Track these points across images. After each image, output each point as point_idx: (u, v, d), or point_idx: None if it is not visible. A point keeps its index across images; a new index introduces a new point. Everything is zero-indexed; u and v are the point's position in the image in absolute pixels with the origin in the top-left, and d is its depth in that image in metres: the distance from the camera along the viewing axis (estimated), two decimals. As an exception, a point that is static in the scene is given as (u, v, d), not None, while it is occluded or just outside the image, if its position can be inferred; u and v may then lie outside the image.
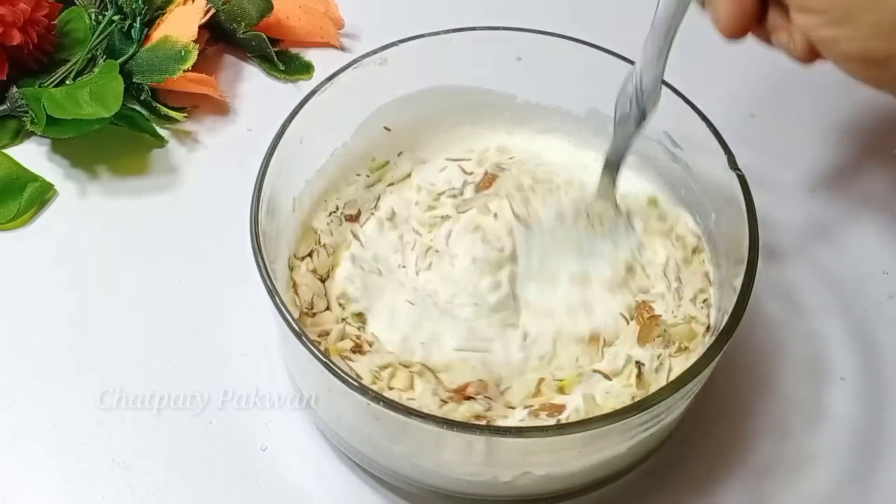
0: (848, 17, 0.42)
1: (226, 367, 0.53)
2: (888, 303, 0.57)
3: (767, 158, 0.61)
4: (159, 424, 0.50)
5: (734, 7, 0.45)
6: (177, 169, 0.62)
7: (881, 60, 0.43)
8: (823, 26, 0.43)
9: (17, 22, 0.60)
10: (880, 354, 0.54)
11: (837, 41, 0.43)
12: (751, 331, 0.54)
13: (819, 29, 0.43)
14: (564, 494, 0.47)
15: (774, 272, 0.57)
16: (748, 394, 0.52)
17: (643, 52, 0.48)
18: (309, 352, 0.42)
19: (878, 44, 0.42)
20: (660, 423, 0.45)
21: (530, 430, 0.42)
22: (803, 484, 0.50)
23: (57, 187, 0.60)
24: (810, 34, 0.44)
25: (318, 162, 0.54)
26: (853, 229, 0.60)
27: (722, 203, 0.50)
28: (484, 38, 0.54)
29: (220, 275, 0.56)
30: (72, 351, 0.53)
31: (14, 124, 0.63)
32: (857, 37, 0.42)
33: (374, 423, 0.43)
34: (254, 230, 0.46)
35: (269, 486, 0.49)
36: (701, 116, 0.50)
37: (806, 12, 0.43)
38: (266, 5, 0.67)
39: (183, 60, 0.62)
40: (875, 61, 0.43)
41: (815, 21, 0.43)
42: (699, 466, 0.50)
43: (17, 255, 0.57)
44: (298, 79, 0.68)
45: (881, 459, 0.51)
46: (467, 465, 0.44)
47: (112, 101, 0.58)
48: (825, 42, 0.44)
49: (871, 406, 0.52)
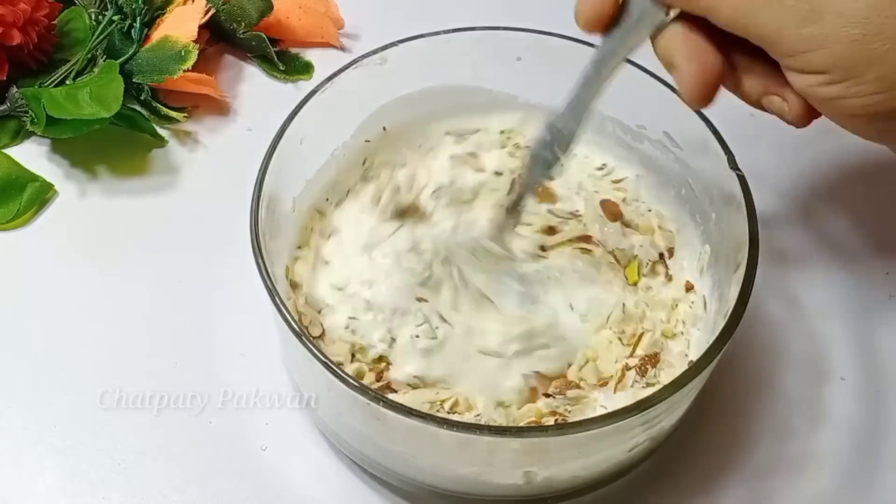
0: (851, 74, 0.40)
1: (226, 367, 0.53)
2: (888, 303, 0.56)
3: (767, 158, 0.61)
4: (159, 424, 0.50)
5: (697, 72, 0.42)
6: (177, 169, 0.62)
7: (888, 114, 0.41)
8: (825, 85, 0.41)
9: (17, 22, 0.60)
10: (880, 354, 0.54)
11: (841, 99, 0.41)
12: (751, 331, 0.54)
13: (820, 88, 0.41)
14: (564, 494, 0.47)
15: (774, 272, 0.57)
16: (748, 394, 0.52)
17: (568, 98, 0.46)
18: (309, 352, 0.42)
19: (884, 98, 0.40)
20: (660, 423, 0.45)
21: (530, 430, 0.42)
22: (803, 484, 0.50)
23: (57, 187, 0.60)
24: (809, 94, 0.42)
25: (318, 162, 0.54)
26: (853, 229, 0.60)
27: (722, 203, 0.50)
28: (484, 38, 0.54)
29: (220, 275, 0.56)
30: (72, 351, 0.53)
31: (14, 124, 0.63)
32: (862, 93, 0.40)
33: (374, 423, 0.43)
34: (254, 230, 0.45)
35: (269, 486, 0.49)
36: (701, 116, 0.50)
37: (804, 73, 0.41)
38: (266, 5, 0.67)
39: (183, 60, 0.62)
40: (882, 116, 0.41)
41: (815, 81, 0.41)
42: (699, 466, 0.50)
43: (17, 255, 0.57)
44: (298, 79, 0.68)
45: (881, 459, 0.51)
46: (467, 466, 0.44)
47: (112, 101, 0.58)
48: (828, 101, 0.41)
49: (871, 406, 0.52)
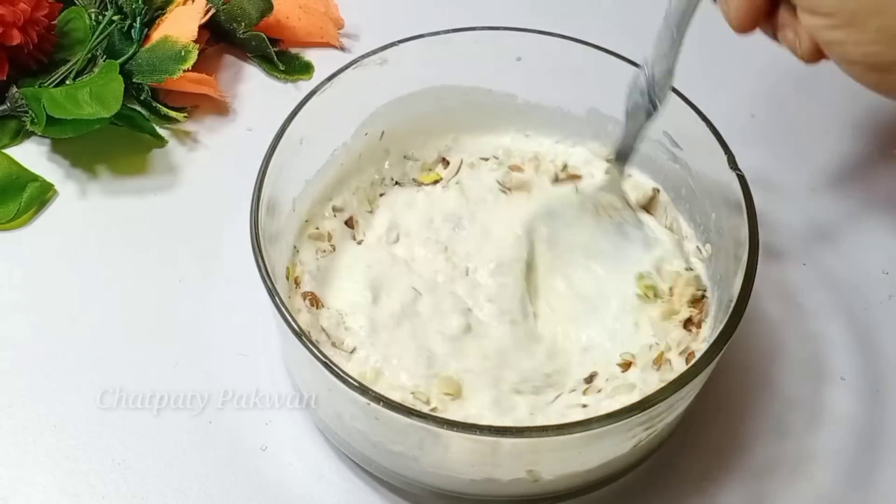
0: (854, 21, 0.42)
1: (226, 367, 0.52)
2: (888, 303, 0.56)
3: (767, 158, 0.61)
4: (159, 424, 0.50)
5: (745, 1, 0.46)
6: (177, 169, 0.62)
7: (885, 66, 0.43)
8: (829, 29, 0.43)
9: (17, 22, 0.60)
10: (880, 354, 0.54)
11: (843, 44, 0.43)
12: (751, 331, 0.54)
13: (825, 31, 0.43)
14: (564, 494, 0.47)
15: (774, 272, 0.57)
16: (748, 394, 0.52)
17: (656, 43, 0.48)
18: (309, 352, 0.42)
19: (882, 49, 0.42)
20: (660, 423, 0.45)
21: (530, 429, 0.42)
22: (803, 484, 0.50)
23: (57, 187, 0.60)
24: (816, 35, 0.44)
25: (318, 162, 0.54)
26: (853, 229, 0.60)
27: (722, 203, 0.50)
28: (484, 38, 0.54)
29: (220, 275, 0.56)
30: (72, 351, 0.53)
31: (14, 124, 0.63)
32: (862, 41, 0.42)
33: (374, 423, 0.43)
34: (254, 230, 0.46)
35: (269, 486, 0.49)
36: (701, 116, 0.50)
37: (813, 14, 0.43)
38: (266, 5, 0.67)
39: (183, 60, 0.62)
40: (879, 66, 0.43)
41: (821, 23, 0.43)
42: (699, 466, 0.50)
43: (17, 255, 0.57)
44: (298, 79, 0.68)
45: (881, 459, 0.51)
46: (467, 465, 0.44)
47: (112, 101, 0.58)
48: (830, 44, 0.44)
49: (871, 406, 0.52)
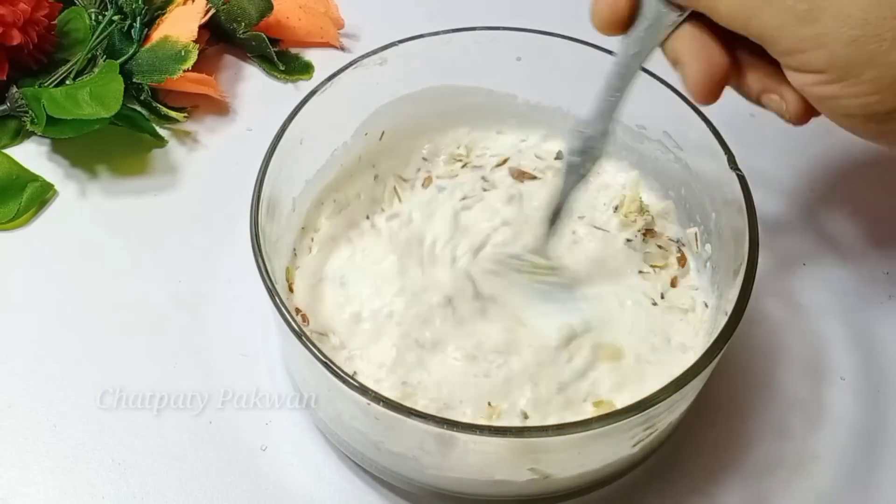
0: (849, 75, 0.40)
1: (226, 367, 0.52)
2: (888, 303, 0.56)
3: (767, 158, 0.61)
4: (159, 424, 0.50)
5: (703, 69, 0.43)
6: (177, 169, 0.62)
7: (882, 115, 0.41)
8: (823, 84, 0.41)
9: (17, 22, 0.60)
10: (880, 354, 0.54)
11: (838, 98, 0.41)
12: (751, 331, 0.54)
13: (818, 87, 0.41)
14: (564, 494, 0.47)
15: (774, 272, 0.57)
16: (748, 394, 0.52)
17: (595, 104, 0.46)
18: (309, 352, 0.42)
19: (880, 98, 0.41)
20: (660, 423, 0.45)
21: (530, 429, 0.42)
22: (803, 484, 0.50)
23: (57, 187, 0.60)
24: (808, 93, 0.42)
25: (318, 162, 0.54)
26: (853, 229, 0.60)
27: (722, 203, 0.50)
28: (484, 38, 0.54)
29: (220, 275, 0.56)
30: (72, 351, 0.53)
31: (14, 124, 0.63)
32: (858, 93, 0.41)
33: (374, 423, 0.43)
34: (254, 230, 0.45)
35: (269, 486, 0.49)
36: (701, 116, 0.50)
37: (803, 72, 0.41)
38: (266, 5, 0.67)
39: (183, 60, 0.62)
40: (877, 116, 0.41)
41: (813, 80, 0.41)
42: (699, 466, 0.50)
43: (17, 255, 0.57)
44: (298, 79, 0.68)
45: (881, 459, 0.51)
46: (467, 465, 0.44)
47: (112, 101, 0.58)
48: (824, 100, 0.42)
49: (871, 406, 0.52)
